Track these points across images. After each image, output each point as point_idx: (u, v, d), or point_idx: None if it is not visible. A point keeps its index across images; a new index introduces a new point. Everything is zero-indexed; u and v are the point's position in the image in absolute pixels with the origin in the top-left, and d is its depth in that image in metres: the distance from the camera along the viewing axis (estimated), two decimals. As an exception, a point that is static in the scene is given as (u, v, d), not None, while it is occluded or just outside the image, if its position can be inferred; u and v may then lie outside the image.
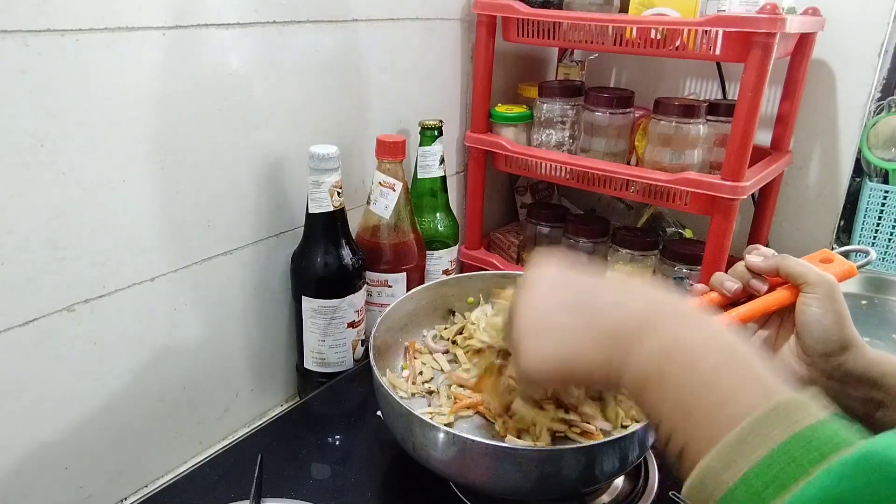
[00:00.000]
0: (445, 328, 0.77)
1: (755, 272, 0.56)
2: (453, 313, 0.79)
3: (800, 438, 0.29)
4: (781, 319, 0.57)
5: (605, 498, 0.62)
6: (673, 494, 0.62)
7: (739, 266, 0.57)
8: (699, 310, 0.41)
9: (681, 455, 0.34)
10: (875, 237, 1.03)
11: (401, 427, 0.58)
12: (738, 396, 0.32)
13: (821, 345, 0.52)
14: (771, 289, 0.56)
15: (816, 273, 0.53)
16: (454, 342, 0.75)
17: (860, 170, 1.05)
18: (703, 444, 0.31)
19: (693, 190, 0.83)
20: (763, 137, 1.03)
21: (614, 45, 0.86)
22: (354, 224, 0.84)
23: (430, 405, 0.68)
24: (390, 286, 0.85)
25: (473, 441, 0.53)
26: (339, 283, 0.76)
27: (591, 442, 0.57)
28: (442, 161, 0.91)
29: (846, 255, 0.61)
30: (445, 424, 0.61)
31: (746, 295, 0.57)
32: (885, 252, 1.03)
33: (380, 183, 0.81)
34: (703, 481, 0.31)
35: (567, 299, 0.42)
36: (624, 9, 0.91)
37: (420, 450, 0.56)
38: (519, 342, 0.42)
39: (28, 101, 0.51)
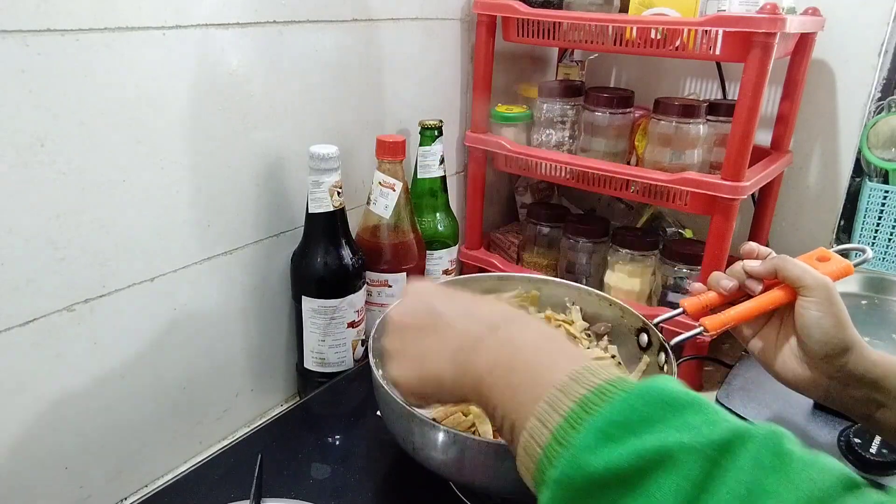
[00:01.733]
0: None
1: (753, 276, 0.56)
2: None
3: (597, 389, 0.33)
4: (781, 321, 0.57)
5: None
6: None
7: (737, 266, 0.58)
8: (533, 316, 0.44)
9: (511, 435, 0.36)
10: (875, 237, 1.03)
11: (400, 427, 0.58)
12: (553, 369, 0.35)
13: (822, 347, 0.52)
14: (767, 288, 0.56)
15: (813, 276, 0.53)
16: None
17: (860, 170, 1.05)
18: (524, 416, 0.34)
19: (693, 190, 0.83)
20: (763, 137, 1.03)
21: (614, 45, 0.86)
22: (354, 224, 0.84)
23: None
24: (390, 286, 0.85)
25: (474, 440, 0.53)
26: (339, 283, 0.76)
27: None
28: (442, 161, 0.91)
29: (843, 253, 0.61)
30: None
31: (743, 294, 0.57)
32: (885, 252, 1.03)
33: (380, 183, 0.81)
34: (525, 449, 0.34)
35: (423, 321, 0.45)
36: (624, 9, 0.91)
37: (420, 450, 0.56)
38: (387, 368, 0.47)
39: (28, 101, 0.51)
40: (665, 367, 0.63)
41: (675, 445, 0.29)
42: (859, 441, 0.66)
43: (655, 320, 0.65)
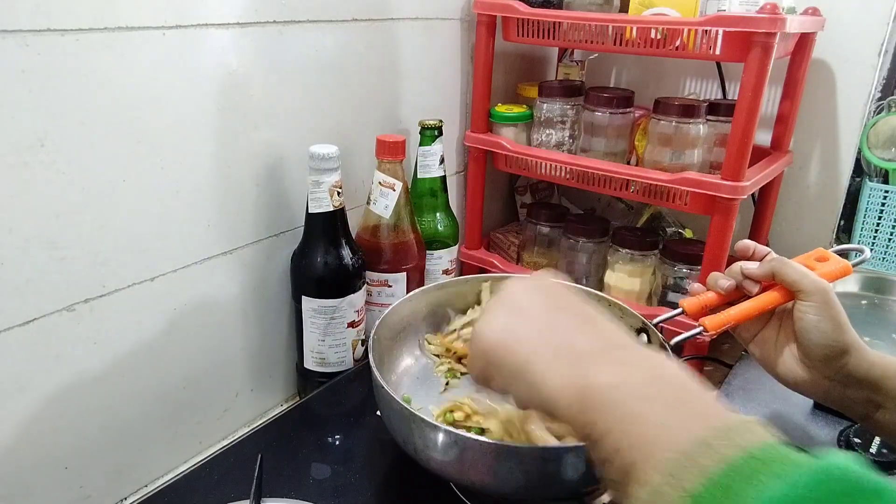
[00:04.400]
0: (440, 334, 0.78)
1: (751, 279, 0.56)
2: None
3: (751, 455, 0.27)
4: (781, 323, 0.57)
5: (606, 498, 0.62)
6: None
7: (735, 266, 0.58)
8: (654, 349, 0.39)
9: (625, 476, 0.31)
10: (875, 237, 1.03)
11: (401, 428, 0.58)
12: (700, 415, 0.30)
13: (821, 350, 0.52)
14: (765, 288, 0.56)
15: (811, 280, 0.53)
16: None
17: (860, 170, 1.05)
18: (652, 460, 0.29)
19: (693, 190, 0.83)
20: (763, 137, 1.03)
21: (614, 45, 0.86)
22: (354, 224, 0.84)
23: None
24: (390, 286, 0.85)
25: (475, 441, 0.53)
26: (339, 283, 0.76)
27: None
28: (442, 161, 0.91)
29: (842, 253, 0.61)
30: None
31: (742, 294, 0.57)
32: (886, 252, 1.03)
33: (380, 183, 0.81)
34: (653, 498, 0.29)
35: (542, 300, 0.42)
36: (624, 9, 0.91)
37: (421, 451, 0.56)
38: (486, 311, 0.43)
39: (28, 101, 0.51)
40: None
41: None
42: (859, 441, 0.66)
43: (655, 320, 0.65)
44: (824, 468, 0.26)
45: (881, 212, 1.02)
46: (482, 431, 0.61)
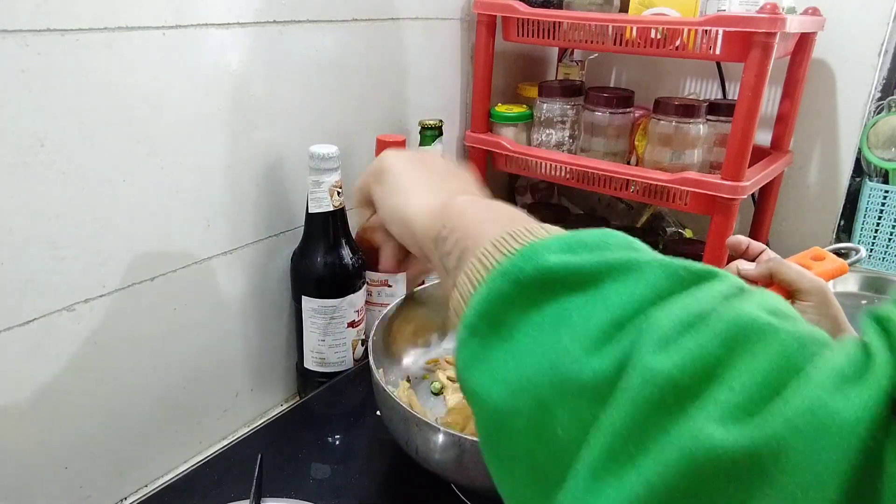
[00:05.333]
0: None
1: (748, 280, 0.56)
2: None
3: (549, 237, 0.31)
4: None
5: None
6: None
7: (732, 266, 0.58)
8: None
9: (454, 266, 0.35)
10: (875, 237, 1.03)
11: (401, 428, 0.58)
12: (526, 220, 0.34)
13: None
14: (763, 287, 0.56)
15: (809, 280, 0.53)
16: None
17: (860, 170, 1.05)
18: (482, 241, 0.32)
19: (693, 190, 0.83)
20: (763, 137, 1.03)
21: (614, 45, 0.86)
22: (354, 224, 0.84)
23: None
24: (390, 286, 0.85)
25: (475, 441, 0.53)
26: (339, 283, 0.76)
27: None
28: (442, 161, 0.91)
29: (838, 252, 0.61)
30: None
31: None
32: (886, 252, 1.03)
33: (380, 183, 0.81)
34: (477, 262, 0.31)
35: (441, 164, 0.48)
36: (624, 9, 0.91)
37: (422, 452, 0.56)
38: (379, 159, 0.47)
39: (28, 101, 0.51)
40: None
41: (645, 261, 0.26)
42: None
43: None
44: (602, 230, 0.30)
45: (881, 212, 1.02)
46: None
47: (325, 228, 0.75)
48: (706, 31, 0.79)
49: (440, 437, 0.54)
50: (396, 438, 0.60)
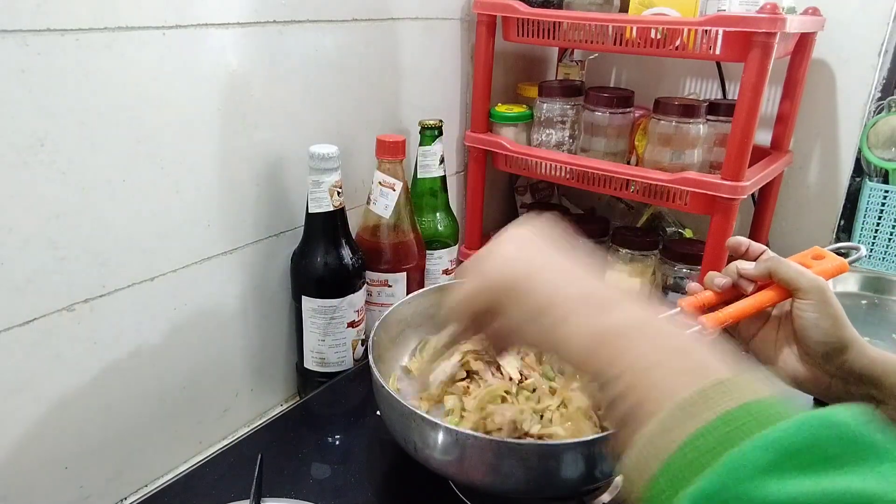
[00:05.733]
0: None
1: (748, 279, 0.56)
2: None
3: (744, 408, 0.28)
4: (780, 322, 0.57)
5: (606, 497, 0.62)
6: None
7: (731, 266, 0.58)
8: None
9: (625, 419, 0.31)
10: (875, 237, 1.03)
11: (401, 427, 0.58)
12: (705, 365, 0.31)
13: (821, 347, 0.52)
14: (763, 287, 0.56)
15: (808, 279, 0.53)
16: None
17: (860, 169, 1.05)
18: (653, 407, 0.29)
19: (693, 190, 0.83)
20: (763, 137, 1.03)
21: (614, 45, 0.86)
22: (354, 224, 0.84)
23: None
24: (390, 286, 0.85)
25: (475, 439, 0.53)
26: (339, 283, 0.76)
27: (593, 436, 0.57)
28: (442, 161, 0.91)
29: (838, 251, 0.61)
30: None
31: (738, 293, 0.57)
32: (886, 252, 1.03)
33: (380, 183, 0.81)
34: (644, 448, 0.29)
35: (550, 242, 0.42)
36: (624, 9, 0.91)
37: (421, 450, 0.56)
38: (491, 245, 0.42)
39: (28, 101, 0.51)
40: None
41: (874, 494, 0.22)
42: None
43: (655, 320, 0.65)
44: (817, 416, 0.26)
45: (881, 212, 1.02)
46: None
47: (325, 228, 0.75)
48: (706, 31, 0.79)
49: (440, 435, 0.54)
50: (395, 436, 0.60)
